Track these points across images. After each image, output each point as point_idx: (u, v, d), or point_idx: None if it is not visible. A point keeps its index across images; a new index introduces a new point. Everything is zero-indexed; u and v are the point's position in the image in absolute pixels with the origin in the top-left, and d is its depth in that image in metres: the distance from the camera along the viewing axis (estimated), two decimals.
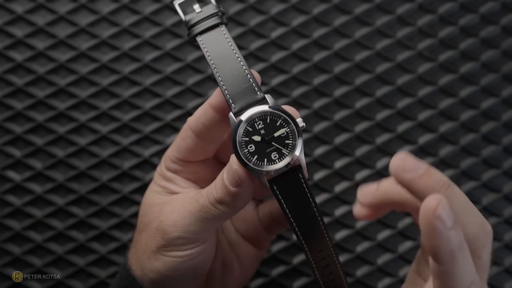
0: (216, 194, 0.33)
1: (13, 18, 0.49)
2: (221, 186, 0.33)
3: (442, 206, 0.27)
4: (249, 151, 0.33)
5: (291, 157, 0.33)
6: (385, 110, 0.49)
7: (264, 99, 0.33)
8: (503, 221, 0.49)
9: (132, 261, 0.38)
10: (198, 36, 0.35)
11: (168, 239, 0.35)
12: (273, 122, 0.33)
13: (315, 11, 0.50)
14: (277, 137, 0.33)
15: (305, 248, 0.34)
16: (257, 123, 0.33)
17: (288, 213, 0.33)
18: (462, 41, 0.50)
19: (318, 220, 0.34)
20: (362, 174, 0.49)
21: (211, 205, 0.34)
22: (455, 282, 0.28)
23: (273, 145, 0.33)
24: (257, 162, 0.32)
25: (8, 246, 0.49)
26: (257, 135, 0.33)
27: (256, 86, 0.34)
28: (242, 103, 0.33)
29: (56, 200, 0.49)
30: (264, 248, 0.42)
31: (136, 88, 0.49)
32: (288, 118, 0.33)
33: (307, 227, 0.34)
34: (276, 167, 0.33)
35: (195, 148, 0.37)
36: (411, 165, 0.29)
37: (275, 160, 0.33)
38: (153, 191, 0.39)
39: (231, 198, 0.33)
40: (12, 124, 0.49)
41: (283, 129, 0.33)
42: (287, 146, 0.33)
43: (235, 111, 0.33)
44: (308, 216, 0.33)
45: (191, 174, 0.39)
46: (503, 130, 0.49)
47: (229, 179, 0.33)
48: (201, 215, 0.34)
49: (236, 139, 0.32)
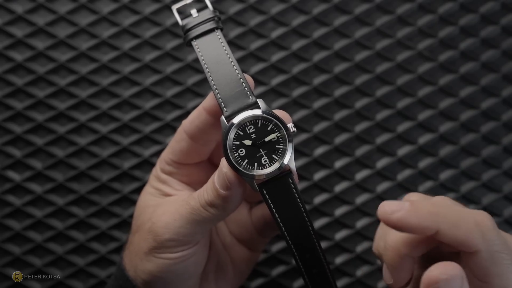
0: (207, 197, 0.34)
1: (13, 18, 0.49)
2: (212, 189, 0.34)
3: (444, 280, 0.28)
4: (240, 155, 0.33)
5: (281, 162, 0.33)
6: (385, 110, 0.49)
7: (256, 103, 0.34)
8: (503, 221, 0.49)
9: (126, 261, 0.38)
10: (194, 40, 0.36)
11: (159, 241, 0.35)
12: (264, 127, 0.33)
13: (315, 11, 0.50)
14: (268, 142, 0.33)
15: (294, 252, 0.34)
16: (248, 127, 0.33)
17: (278, 217, 0.33)
18: (462, 41, 0.50)
19: (307, 225, 0.34)
20: (362, 174, 0.49)
21: (202, 208, 0.34)
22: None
23: (264, 150, 0.33)
24: (247, 166, 0.33)
25: (8, 246, 0.49)
26: (247, 139, 0.33)
27: (248, 91, 0.34)
28: (234, 107, 0.34)
29: (56, 200, 0.49)
30: (258, 250, 0.43)
31: (136, 88, 0.49)
32: (279, 123, 0.33)
33: (296, 232, 0.34)
34: (266, 172, 0.33)
35: (190, 150, 0.37)
36: (396, 205, 0.29)
37: (265, 164, 0.33)
38: (147, 193, 0.39)
39: (222, 201, 0.33)
40: (12, 124, 0.49)
41: (274, 134, 0.33)
42: (278, 151, 0.33)
43: (227, 114, 0.33)
44: (297, 221, 0.33)
45: (185, 177, 0.39)
46: (503, 130, 0.49)
47: (220, 183, 0.33)
48: (192, 217, 0.34)
49: (227, 143, 0.33)
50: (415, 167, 0.49)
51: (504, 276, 0.29)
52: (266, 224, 0.41)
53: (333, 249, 0.49)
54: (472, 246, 0.29)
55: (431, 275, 0.28)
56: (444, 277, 0.28)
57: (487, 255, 0.29)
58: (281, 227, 0.34)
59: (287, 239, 0.34)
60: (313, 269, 0.35)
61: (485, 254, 0.29)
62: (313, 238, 0.34)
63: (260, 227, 0.41)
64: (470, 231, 0.29)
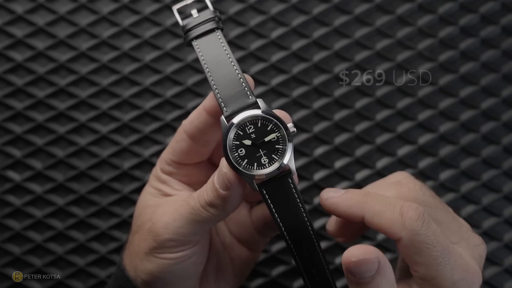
0: (206, 197, 0.34)
1: (13, 18, 0.49)
2: (211, 189, 0.34)
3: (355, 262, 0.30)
4: (239, 155, 0.33)
5: (280, 162, 0.33)
6: (385, 110, 0.49)
7: (256, 103, 0.34)
8: (503, 221, 0.49)
9: (126, 261, 0.38)
10: (194, 40, 0.36)
11: (159, 241, 0.35)
12: (264, 127, 0.33)
13: (315, 11, 0.50)
14: (268, 142, 0.33)
15: (293, 252, 0.34)
16: (248, 127, 0.33)
17: (277, 217, 0.33)
18: (462, 41, 0.50)
19: (307, 225, 0.34)
20: (362, 174, 0.49)
21: (201, 208, 0.34)
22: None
23: (264, 150, 0.33)
24: (247, 166, 0.33)
25: (8, 246, 0.49)
26: (247, 139, 0.33)
27: (248, 90, 0.34)
28: (234, 107, 0.34)
29: (56, 200, 0.49)
30: (258, 250, 0.43)
31: (136, 88, 0.49)
32: (279, 123, 0.33)
33: (296, 232, 0.34)
34: (265, 172, 0.33)
35: (190, 150, 0.38)
36: (332, 192, 0.34)
37: (265, 164, 0.33)
38: (147, 193, 0.40)
39: (221, 201, 0.33)
40: (12, 124, 0.49)
41: (274, 134, 0.33)
42: (277, 151, 0.33)
43: (226, 114, 0.33)
44: (297, 221, 0.33)
45: (185, 177, 0.39)
46: (503, 130, 0.49)
47: (219, 182, 0.33)
48: (192, 217, 0.34)
49: (227, 143, 0.33)
50: (415, 167, 0.49)
51: (431, 266, 0.31)
52: (266, 224, 0.41)
53: (333, 249, 0.49)
54: (392, 233, 0.31)
55: (344, 256, 0.31)
56: (353, 259, 0.30)
57: (408, 243, 0.31)
58: (281, 227, 0.34)
59: (286, 239, 0.34)
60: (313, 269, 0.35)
61: (407, 242, 0.31)
62: (312, 238, 0.34)
63: (260, 227, 0.41)
64: (392, 220, 0.31)
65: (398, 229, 0.31)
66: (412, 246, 0.31)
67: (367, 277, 0.30)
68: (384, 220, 0.31)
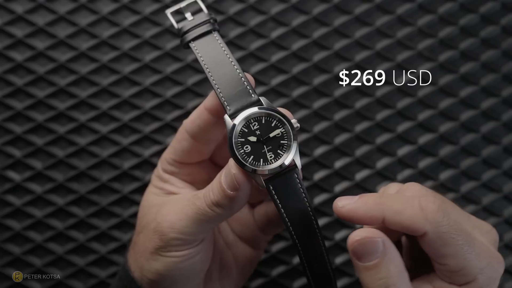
0: (213, 197, 0.34)
1: (13, 18, 0.49)
2: (218, 189, 0.34)
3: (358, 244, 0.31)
4: (245, 152, 0.33)
5: (286, 157, 0.33)
6: (385, 110, 0.49)
7: (258, 101, 0.34)
8: (503, 221, 0.49)
9: (131, 262, 0.38)
10: (191, 42, 0.36)
11: (165, 240, 0.35)
12: (268, 123, 0.33)
13: (315, 11, 0.50)
14: (273, 138, 0.33)
15: (298, 247, 0.34)
16: (252, 124, 0.33)
17: (283, 212, 0.34)
18: (462, 41, 0.50)
19: (312, 220, 0.34)
20: (362, 174, 0.49)
21: (208, 208, 0.34)
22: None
23: (269, 146, 0.33)
24: (253, 162, 0.33)
25: (8, 246, 0.49)
26: (252, 135, 0.33)
27: (250, 89, 0.34)
28: (237, 105, 0.34)
29: (56, 200, 0.49)
30: (261, 248, 0.43)
31: (136, 88, 0.49)
32: (283, 119, 0.33)
33: (301, 227, 0.34)
34: (271, 167, 0.33)
35: (191, 150, 0.38)
36: (346, 199, 0.33)
37: (271, 160, 0.33)
38: (151, 192, 0.40)
39: (229, 201, 0.33)
40: (12, 124, 0.49)
41: (278, 129, 0.33)
42: (283, 146, 0.33)
43: (230, 113, 0.34)
44: (303, 215, 0.34)
45: (187, 176, 0.39)
46: (503, 130, 0.49)
47: (227, 183, 0.33)
48: (197, 217, 0.34)
49: (232, 140, 0.33)
50: (415, 167, 0.49)
51: (459, 256, 0.30)
52: (269, 221, 0.41)
53: (333, 249, 0.49)
54: (417, 229, 0.30)
55: (349, 238, 0.31)
56: (357, 238, 0.30)
57: (434, 236, 0.30)
58: (287, 222, 0.34)
59: (292, 234, 0.34)
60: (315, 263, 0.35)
61: (433, 236, 0.30)
62: (317, 233, 0.34)
63: (262, 224, 0.41)
64: (414, 216, 0.31)
65: (422, 224, 0.30)
66: (438, 238, 0.30)
67: (373, 259, 0.30)
68: (406, 217, 0.31)
